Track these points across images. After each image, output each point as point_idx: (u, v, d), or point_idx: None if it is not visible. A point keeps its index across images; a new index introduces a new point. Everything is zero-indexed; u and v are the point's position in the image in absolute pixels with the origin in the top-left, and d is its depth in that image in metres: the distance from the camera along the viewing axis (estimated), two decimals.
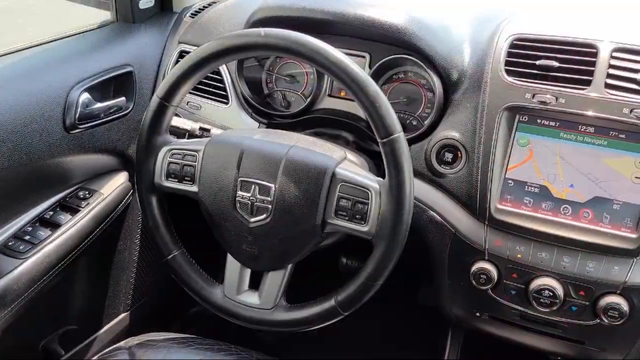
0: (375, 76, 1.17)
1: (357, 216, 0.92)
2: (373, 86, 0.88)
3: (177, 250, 1.06)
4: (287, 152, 0.96)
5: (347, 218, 0.93)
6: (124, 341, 1.10)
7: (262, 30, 0.92)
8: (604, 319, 0.98)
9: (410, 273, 1.36)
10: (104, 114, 1.25)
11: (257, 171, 0.96)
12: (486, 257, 1.05)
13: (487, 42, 1.08)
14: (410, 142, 1.12)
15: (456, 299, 1.13)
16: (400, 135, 0.88)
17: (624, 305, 0.97)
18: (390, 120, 0.88)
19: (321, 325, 0.99)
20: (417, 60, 1.11)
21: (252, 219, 0.96)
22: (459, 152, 1.07)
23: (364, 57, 1.20)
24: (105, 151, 1.29)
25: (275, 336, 1.67)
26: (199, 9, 1.46)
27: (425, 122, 1.12)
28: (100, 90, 1.24)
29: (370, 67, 1.19)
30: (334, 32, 1.21)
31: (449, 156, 1.08)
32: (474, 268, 1.05)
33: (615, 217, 0.97)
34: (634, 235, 0.95)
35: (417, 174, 1.11)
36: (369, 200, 0.91)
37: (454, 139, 1.07)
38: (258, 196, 0.95)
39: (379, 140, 0.89)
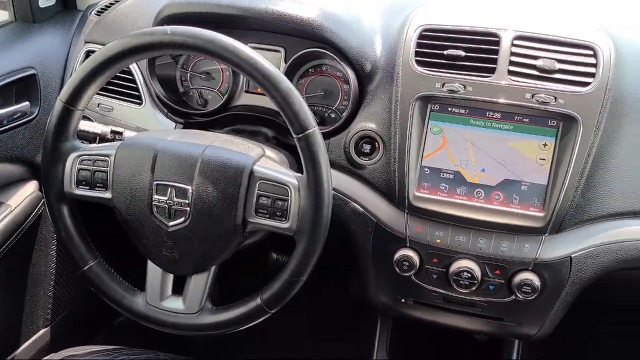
0: (291, 70, 1.17)
1: (278, 213, 0.92)
2: (285, 82, 0.88)
3: (94, 260, 1.01)
4: (203, 152, 0.93)
5: (267, 216, 0.92)
6: (44, 359, 1.04)
7: (168, 28, 0.89)
8: (518, 295, 1.03)
9: (340, 265, 1.38)
10: (7, 120, 1.18)
11: (172, 173, 0.93)
12: (408, 244, 1.07)
13: (397, 33, 1.10)
14: (329, 134, 1.13)
15: (381, 287, 1.15)
16: (315, 130, 0.88)
17: (536, 281, 1.02)
18: (304, 115, 0.88)
19: (249, 325, 0.98)
20: (331, 54, 1.12)
21: (171, 223, 0.94)
22: (376, 143, 1.09)
23: (279, 51, 1.20)
24: (11, 160, 1.22)
25: (207, 339, 1.64)
26: (105, 6, 1.40)
27: (343, 115, 1.13)
28: (1, 95, 1.16)
29: (285, 62, 1.18)
30: (246, 27, 1.19)
31: (367, 147, 1.09)
32: (396, 256, 1.07)
33: (524, 198, 1.02)
34: (541, 214, 1.00)
35: (338, 166, 1.12)
36: (288, 196, 0.91)
37: (371, 130, 1.09)
38: (175, 199, 0.93)
39: (294, 136, 0.89)
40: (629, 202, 1.01)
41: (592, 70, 0.99)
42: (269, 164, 0.97)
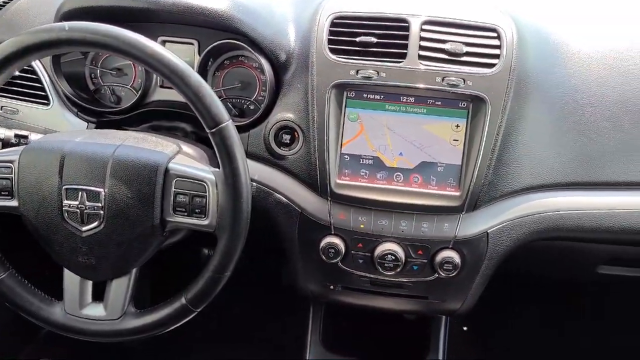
0: (206, 63, 1.15)
1: (197, 210, 0.90)
2: (194, 76, 0.86)
3: (5, 273, 0.96)
4: (114, 153, 0.90)
5: (186, 214, 0.90)
6: None
7: (67, 24, 0.85)
8: (441, 273, 1.07)
9: (272, 255, 1.38)
10: None
11: (82, 176, 0.89)
12: (333, 232, 1.08)
13: (309, 22, 1.10)
14: (249, 126, 1.12)
15: (309, 275, 1.16)
16: (228, 124, 0.87)
17: (456, 258, 1.06)
18: (217, 109, 0.86)
19: (175, 326, 0.96)
20: (244, 45, 1.10)
21: (84, 228, 0.90)
22: (295, 133, 1.08)
23: (192, 43, 1.17)
24: None
25: (139, 342, 1.60)
26: (4, 1, 1.31)
27: (262, 106, 1.12)
28: None
29: (199, 54, 1.15)
30: (157, 20, 1.15)
31: (286, 138, 1.09)
32: (322, 243, 1.08)
33: (441, 179, 1.05)
34: (457, 193, 1.03)
35: (259, 158, 1.11)
36: (206, 192, 0.89)
37: (289, 121, 1.08)
38: (87, 203, 0.89)
39: (207, 130, 0.87)
40: (538, 176, 1.07)
41: (496, 52, 1.03)
42: (186, 160, 0.95)
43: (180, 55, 1.16)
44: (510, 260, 1.14)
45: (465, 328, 1.65)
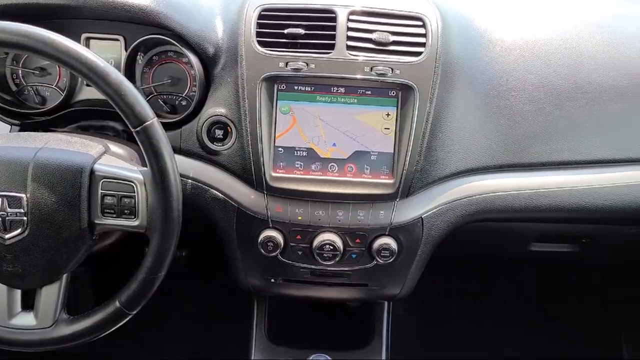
0: (133, 59, 1.12)
1: (126, 211, 0.88)
2: (114, 73, 0.84)
3: None
4: (35, 156, 0.87)
5: (115, 215, 0.88)
6: None
7: None
8: (379, 259, 1.08)
9: (214, 251, 1.37)
10: None
11: (1, 182, 0.86)
12: (270, 225, 1.08)
13: (237, 14, 1.09)
14: (181, 122, 1.10)
15: (250, 270, 1.16)
16: (153, 122, 0.85)
17: (393, 244, 1.08)
18: (140, 107, 0.84)
19: (111, 330, 0.94)
20: (171, 40, 1.08)
21: (7, 236, 0.87)
22: (228, 128, 1.07)
23: (118, 39, 1.13)
24: None
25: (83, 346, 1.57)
26: None
27: (193, 102, 1.10)
28: None
29: (126, 50, 1.12)
30: (80, 16, 1.12)
31: (219, 133, 1.08)
32: (261, 237, 1.08)
33: (374, 167, 1.06)
34: (391, 181, 1.05)
35: (193, 154, 1.10)
36: (134, 193, 0.88)
37: (221, 115, 1.07)
38: (9, 210, 0.86)
39: (132, 129, 0.85)
40: (467, 160, 1.10)
41: (422, 40, 1.05)
42: (113, 160, 0.92)
43: (106, 52, 1.14)
44: (447, 243, 1.17)
45: (405, 310, 1.70)
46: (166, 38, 1.08)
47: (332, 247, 1.07)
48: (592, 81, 1.13)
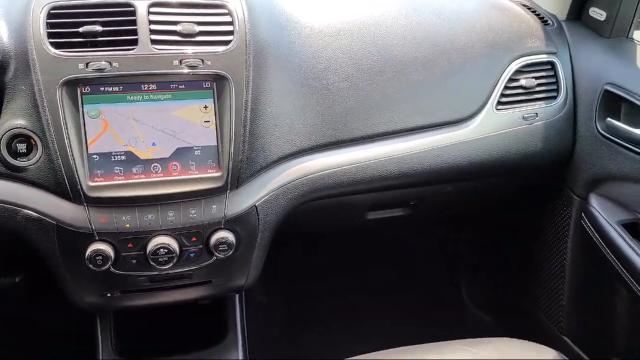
0: None
1: None
2: None
3: None
4: None
5: None
6: None
7: None
8: (218, 254, 1.06)
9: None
10: None
11: None
12: (97, 238, 1.01)
13: (22, 15, 0.98)
14: None
15: (82, 288, 1.08)
16: None
17: (231, 237, 1.06)
18: None
19: None
20: None
21: None
22: (32, 141, 0.98)
23: None
24: None
25: None
26: None
27: None
28: None
29: None
30: None
31: (22, 147, 0.98)
32: (87, 252, 1.00)
33: (200, 162, 1.03)
34: (218, 174, 1.03)
35: None
36: None
37: (21, 127, 0.97)
38: None
39: None
40: (291, 143, 1.11)
41: (229, 28, 1.03)
42: None
43: None
44: (290, 224, 1.18)
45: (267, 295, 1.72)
46: None
47: (167, 250, 1.03)
48: (397, 54, 1.20)
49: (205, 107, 1.03)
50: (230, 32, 1.03)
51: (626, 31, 1.34)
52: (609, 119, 1.25)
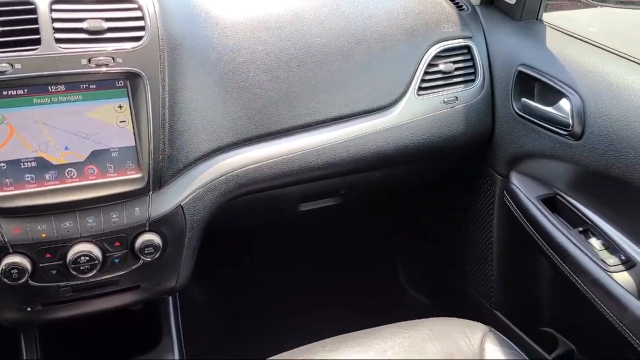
0: None
1: None
2: None
3: None
4: None
5: None
6: None
7: None
8: (145, 258, 1.03)
9: None
10: None
11: None
12: (11, 251, 0.96)
13: None
14: None
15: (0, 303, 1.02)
16: None
17: (157, 239, 1.03)
18: None
19: None
20: None
21: None
22: None
23: None
24: None
25: None
26: None
27: None
28: None
29: None
30: None
31: None
32: (2, 266, 0.95)
33: (118, 164, 0.99)
34: (139, 175, 1.00)
35: None
36: None
37: None
38: None
39: None
40: (215, 139, 1.09)
41: (140, 23, 0.99)
42: None
43: None
44: (222, 221, 1.16)
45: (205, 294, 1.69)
46: None
47: (88, 258, 0.99)
48: (317, 44, 1.20)
49: (120, 106, 0.99)
50: (141, 28, 0.99)
51: (536, 13, 1.39)
52: (524, 99, 1.30)
